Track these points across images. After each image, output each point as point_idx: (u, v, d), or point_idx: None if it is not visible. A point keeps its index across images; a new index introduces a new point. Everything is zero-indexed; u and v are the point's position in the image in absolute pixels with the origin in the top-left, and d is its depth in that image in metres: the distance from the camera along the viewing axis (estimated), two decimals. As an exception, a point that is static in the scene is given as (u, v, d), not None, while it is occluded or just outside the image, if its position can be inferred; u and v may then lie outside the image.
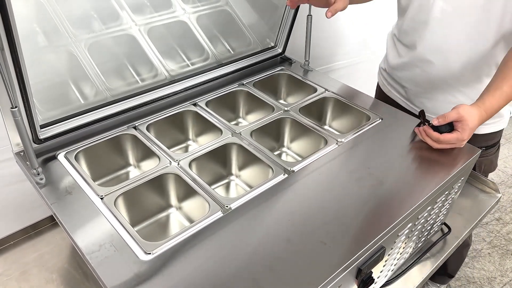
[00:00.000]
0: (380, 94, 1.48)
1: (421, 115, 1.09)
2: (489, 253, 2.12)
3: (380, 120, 1.15)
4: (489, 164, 1.36)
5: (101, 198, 0.88)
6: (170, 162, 0.99)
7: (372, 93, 1.44)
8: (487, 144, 1.30)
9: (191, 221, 0.99)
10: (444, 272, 1.74)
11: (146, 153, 1.06)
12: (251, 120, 1.24)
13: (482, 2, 1.07)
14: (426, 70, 1.24)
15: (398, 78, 1.36)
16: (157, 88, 1.18)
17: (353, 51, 2.01)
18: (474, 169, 1.31)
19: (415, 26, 1.22)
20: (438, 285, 1.84)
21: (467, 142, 1.05)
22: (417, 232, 1.00)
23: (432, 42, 1.19)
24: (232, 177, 1.13)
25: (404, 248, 0.99)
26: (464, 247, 1.60)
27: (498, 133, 1.31)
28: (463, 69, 1.18)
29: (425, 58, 1.22)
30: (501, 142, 1.37)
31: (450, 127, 1.02)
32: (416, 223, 0.95)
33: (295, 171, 0.97)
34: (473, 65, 1.16)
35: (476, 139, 1.24)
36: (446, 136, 1.01)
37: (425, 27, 1.18)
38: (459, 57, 1.17)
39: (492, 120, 1.21)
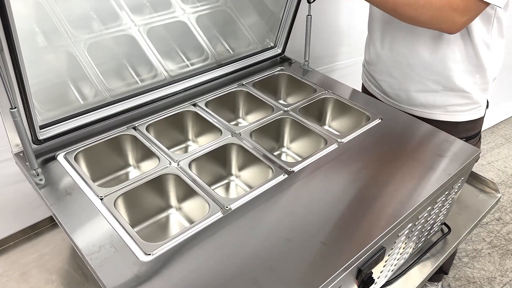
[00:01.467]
0: (365, 91, 1.52)
1: None
2: (489, 253, 2.12)
3: (380, 120, 1.15)
4: None
5: (101, 199, 0.88)
6: (170, 163, 0.98)
7: (372, 93, 1.44)
8: (468, 135, 1.32)
9: (191, 221, 0.99)
10: (440, 270, 1.75)
11: (145, 154, 1.06)
12: (250, 121, 1.24)
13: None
14: (395, 61, 1.29)
15: (373, 72, 1.40)
16: (157, 89, 1.18)
17: (353, 51, 2.00)
18: None
19: (383, 16, 1.27)
20: (436, 283, 1.85)
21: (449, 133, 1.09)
22: (417, 232, 1.00)
23: (403, 35, 1.24)
24: (232, 178, 1.13)
25: (404, 248, 0.99)
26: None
27: (477, 123, 1.33)
28: (430, 57, 1.22)
29: (393, 48, 1.28)
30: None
31: None
32: (416, 223, 0.95)
33: (295, 171, 0.97)
34: (439, 51, 1.20)
35: (456, 129, 1.28)
36: None
37: (377, 22, 1.27)
38: (425, 48, 1.21)
39: (469, 106, 1.27)
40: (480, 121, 1.34)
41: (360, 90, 1.31)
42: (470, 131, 1.33)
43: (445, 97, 1.26)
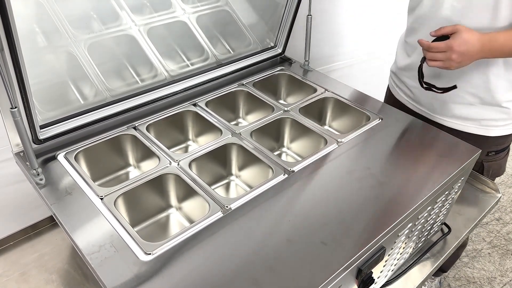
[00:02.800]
0: (390, 98, 1.46)
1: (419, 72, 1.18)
2: (489, 253, 2.12)
3: (380, 120, 1.15)
4: (498, 169, 1.35)
5: (101, 199, 0.88)
6: (170, 163, 0.98)
7: (372, 93, 1.44)
8: (497, 149, 1.29)
9: (191, 221, 0.99)
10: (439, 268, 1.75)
11: (146, 154, 1.06)
12: (251, 120, 1.24)
13: (492, 1, 1.06)
14: (433, 70, 1.22)
15: (407, 79, 1.34)
16: (157, 88, 1.18)
17: (353, 52, 2.00)
18: (482, 173, 1.31)
19: (423, 23, 1.21)
20: (433, 277, 1.85)
21: (479, 148, 1.06)
22: (417, 232, 1.00)
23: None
24: (232, 177, 1.13)
25: (404, 248, 0.99)
26: (460, 247, 1.61)
27: (509, 137, 1.29)
28: (470, 69, 1.16)
29: None
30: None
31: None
32: (416, 223, 0.95)
33: (295, 171, 0.97)
34: (481, 65, 1.15)
35: (487, 142, 1.24)
36: (436, 43, 1.06)
37: (434, 24, 1.15)
38: None
39: (504, 122, 1.22)
40: (510, 137, 1.29)
41: (360, 90, 1.30)
42: (500, 145, 1.29)
43: (481, 110, 1.21)
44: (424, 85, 1.19)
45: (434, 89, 1.18)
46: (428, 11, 1.18)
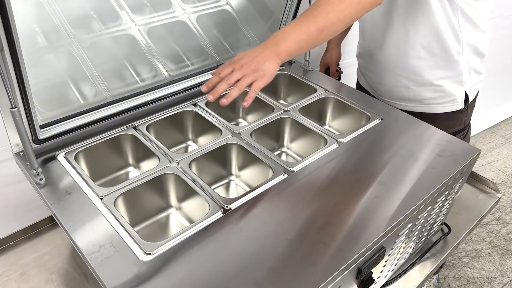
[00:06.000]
0: (357, 84, 1.59)
1: None
2: (489, 253, 2.12)
3: (380, 120, 1.15)
4: None
5: (101, 199, 0.88)
6: (170, 163, 0.98)
7: (372, 93, 1.45)
8: (452, 130, 1.32)
9: (191, 221, 0.99)
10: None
11: (145, 154, 1.06)
12: (251, 120, 1.24)
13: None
14: (371, 57, 1.37)
15: (360, 66, 1.50)
16: (157, 88, 1.18)
17: (352, 51, 2.00)
18: None
19: (364, 17, 1.30)
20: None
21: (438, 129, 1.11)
22: (417, 232, 1.00)
23: (372, 32, 1.31)
24: (232, 177, 1.13)
25: (404, 248, 0.99)
26: None
27: (459, 118, 1.33)
28: (394, 56, 1.28)
29: (368, 47, 1.36)
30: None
31: None
32: (416, 223, 0.95)
33: (295, 171, 0.97)
34: (400, 51, 1.26)
35: (436, 121, 1.28)
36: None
37: (367, 18, 1.30)
38: (390, 45, 1.27)
39: (442, 99, 1.29)
40: (461, 116, 1.33)
41: (364, 93, 1.31)
42: (452, 127, 1.33)
43: (418, 91, 1.30)
44: None
45: None
46: None
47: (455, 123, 1.34)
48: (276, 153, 1.21)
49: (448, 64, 1.24)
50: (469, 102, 1.32)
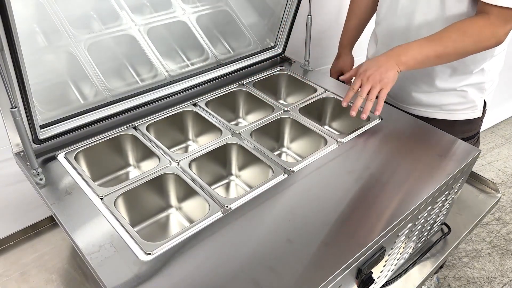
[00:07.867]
0: None
1: None
2: (489, 253, 2.12)
3: (380, 120, 1.15)
4: None
5: (101, 199, 0.88)
6: (170, 162, 0.98)
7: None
8: (464, 136, 1.31)
9: (191, 221, 0.99)
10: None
11: (146, 153, 1.06)
12: (251, 120, 1.24)
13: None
14: None
15: None
16: (157, 88, 1.18)
17: (353, 51, 2.00)
18: None
19: (386, 13, 1.27)
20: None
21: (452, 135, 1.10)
22: (417, 232, 1.00)
23: (396, 30, 1.26)
24: (232, 177, 1.13)
25: (404, 248, 0.99)
26: None
27: (475, 123, 1.33)
28: None
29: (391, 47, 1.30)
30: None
31: None
32: (416, 223, 0.95)
33: (295, 171, 0.97)
34: None
35: (454, 127, 1.28)
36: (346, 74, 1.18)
37: (392, 15, 1.24)
38: None
39: (463, 106, 1.27)
40: (478, 121, 1.33)
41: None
42: (466, 132, 1.32)
43: (439, 96, 1.27)
44: None
45: None
46: (390, 1, 1.26)
47: (471, 127, 1.33)
48: (276, 153, 1.21)
49: (475, 71, 1.21)
50: (486, 109, 1.32)
